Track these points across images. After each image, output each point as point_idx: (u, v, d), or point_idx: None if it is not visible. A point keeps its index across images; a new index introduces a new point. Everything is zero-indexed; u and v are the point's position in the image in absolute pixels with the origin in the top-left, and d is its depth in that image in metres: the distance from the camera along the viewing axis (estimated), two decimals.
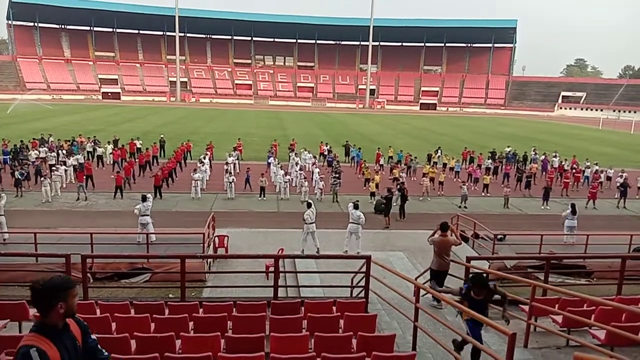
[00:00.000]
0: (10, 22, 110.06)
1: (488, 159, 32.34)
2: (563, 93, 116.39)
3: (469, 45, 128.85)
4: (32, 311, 7.78)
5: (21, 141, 31.78)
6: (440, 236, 9.93)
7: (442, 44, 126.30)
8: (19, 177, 23.06)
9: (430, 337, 7.06)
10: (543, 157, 34.19)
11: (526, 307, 8.03)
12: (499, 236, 16.27)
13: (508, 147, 38.96)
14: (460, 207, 23.57)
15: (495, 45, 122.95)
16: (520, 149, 38.29)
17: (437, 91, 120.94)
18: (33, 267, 12.78)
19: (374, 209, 22.15)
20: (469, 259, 10.52)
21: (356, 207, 16.08)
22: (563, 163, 31.76)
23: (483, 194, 26.66)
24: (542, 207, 24.24)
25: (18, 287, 11.41)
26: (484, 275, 7.28)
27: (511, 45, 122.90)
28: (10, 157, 28.41)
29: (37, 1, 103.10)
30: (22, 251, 13.34)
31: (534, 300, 7.91)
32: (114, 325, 7.00)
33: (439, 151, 34.99)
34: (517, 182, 28.14)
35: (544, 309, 7.96)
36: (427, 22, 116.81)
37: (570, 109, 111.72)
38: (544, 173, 31.28)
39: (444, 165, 32.12)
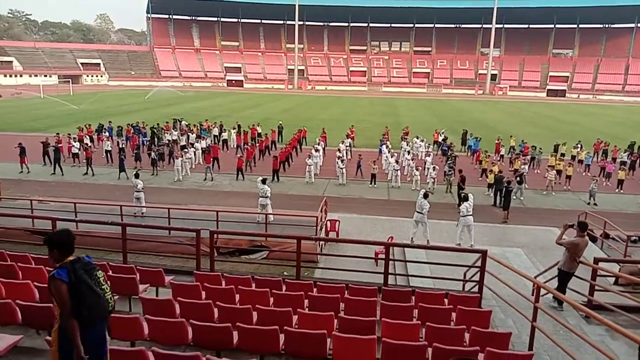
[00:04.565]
0: (149, 15, 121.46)
1: (624, 152, 29.23)
2: None
3: (607, 26, 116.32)
4: (168, 278, 8.67)
5: (157, 124, 35.17)
6: (577, 236, 9.24)
7: (575, 25, 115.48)
8: (155, 157, 25.63)
9: (549, 338, 6.71)
10: None
11: None
12: (633, 237, 14.78)
13: None
14: (588, 203, 21.70)
15: (639, 25, 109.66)
16: None
17: (567, 77, 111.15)
18: (166, 239, 14.19)
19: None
20: (596, 260, 9.74)
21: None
22: None
23: (617, 190, 24.25)
24: None
25: (153, 256, 12.78)
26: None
27: None
28: (148, 139, 31.62)
29: None
30: (158, 224, 14.85)
31: None
32: (237, 296, 7.60)
33: (579, 145, 31.12)
34: None
35: None
36: (557, 1, 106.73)
37: None
38: None
39: (573, 157, 29.54)
